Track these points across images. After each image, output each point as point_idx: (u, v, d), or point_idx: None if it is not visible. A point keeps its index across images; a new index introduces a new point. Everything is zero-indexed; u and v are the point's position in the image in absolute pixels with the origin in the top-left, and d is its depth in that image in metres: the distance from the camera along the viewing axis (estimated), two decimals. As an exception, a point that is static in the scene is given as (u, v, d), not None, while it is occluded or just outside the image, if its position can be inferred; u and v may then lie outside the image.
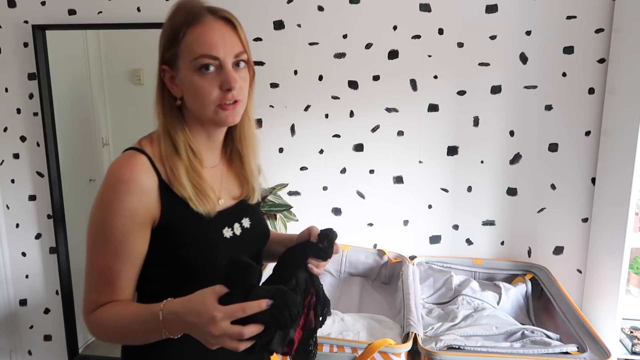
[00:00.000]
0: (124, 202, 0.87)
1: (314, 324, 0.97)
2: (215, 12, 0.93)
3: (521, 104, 1.89)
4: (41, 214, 2.22)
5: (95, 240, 0.89)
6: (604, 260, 1.80)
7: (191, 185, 0.93)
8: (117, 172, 0.88)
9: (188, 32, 0.90)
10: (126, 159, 0.90)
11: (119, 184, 0.87)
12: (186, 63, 0.90)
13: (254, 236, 1.05)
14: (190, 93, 0.92)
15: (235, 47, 0.92)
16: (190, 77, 0.90)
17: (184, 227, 0.93)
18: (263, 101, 2.01)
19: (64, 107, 2.16)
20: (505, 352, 1.38)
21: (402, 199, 2.02)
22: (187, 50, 0.90)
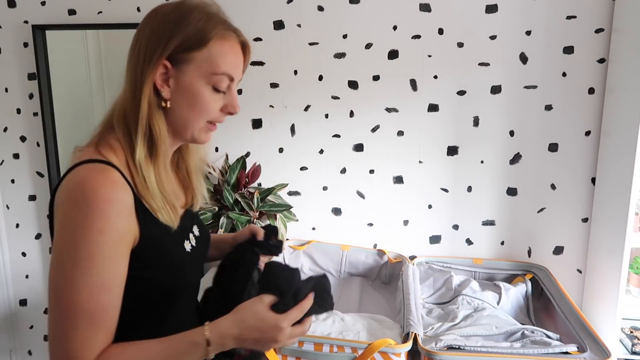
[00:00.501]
0: (115, 227, 0.75)
1: None
2: (238, 33, 0.90)
3: (521, 104, 1.89)
4: (41, 214, 2.22)
5: (76, 277, 0.73)
6: (604, 260, 1.80)
7: (160, 195, 0.83)
8: (101, 194, 0.74)
9: (216, 41, 0.84)
10: (102, 176, 0.76)
11: (106, 207, 0.74)
12: (202, 72, 0.84)
13: (204, 244, 1.00)
14: (189, 102, 0.84)
15: (241, 73, 0.91)
16: (201, 88, 0.84)
17: (159, 245, 0.83)
18: (263, 101, 2.01)
19: (64, 107, 2.16)
20: (505, 352, 1.38)
21: (402, 199, 2.02)
22: (208, 61, 0.83)
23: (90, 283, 0.74)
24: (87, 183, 0.75)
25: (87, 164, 0.78)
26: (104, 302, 0.75)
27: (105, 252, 0.74)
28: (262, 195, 1.92)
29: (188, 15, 0.84)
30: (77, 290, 0.74)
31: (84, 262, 0.73)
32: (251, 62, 1.98)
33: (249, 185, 1.97)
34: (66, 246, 0.74)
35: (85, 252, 0.73)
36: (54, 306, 0.76)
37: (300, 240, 2.04)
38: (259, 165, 2.01)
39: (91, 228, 0.73)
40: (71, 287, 0.74)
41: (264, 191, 1.93)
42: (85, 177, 0.76)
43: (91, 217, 0.73)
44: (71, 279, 0.74)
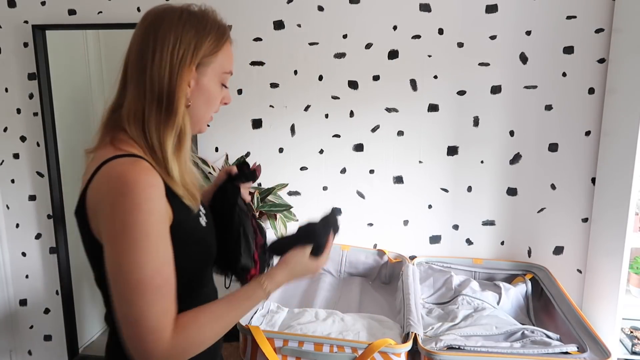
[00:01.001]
0: (158, 206, 0.82)
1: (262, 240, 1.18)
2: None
3: (521, 104, 1.89)
4: (41, 214, 2.22)
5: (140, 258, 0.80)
6: (604, 260, 1.80)
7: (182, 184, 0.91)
8: (142, 179, 0.81)
9: (225, 45, 0.95)
10: (136, 165, 0.83)
11: (149, 190, 0.81)
12: (215, 72, 0.94)
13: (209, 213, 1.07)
14: (205, 99, 0.94)
15: None
16: (215, 86, 0.95)
17: (186, 226, 0.91)
18: (263, 101, 2.01)
19: (64, 107, 2.16)
20: (505, 352, 1.38)
21: (402, 199, 2.02)
22: (220, 62, 0.94)
23: (152, 259, 0.80)
24: (127, 173, 0.81)
25: (117, 159, 0.84)
26: (167, 275, 0.83)
27: (157, 230, 0.81)
28: (262, 195, 1.92)
29: (205, 25, 0.92)
30: (142, 268, 0.80)
31: (142, 242, 0.79)
32: (251, 62, 1.98)
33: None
34: (122, 232, 0.80)
35: (141, 233, 0.79)
36: (124, 290, 0.80)
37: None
38: (259, 165, 2.01)
39: (141, 210, 0.79)
40: (137, 267, 0.79)
41: (264, 191, 1.93)
42: (123, 169, 0.82)
43: (139, 201, 0.80)
44: (135, 259, 0.79)
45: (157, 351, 0.80)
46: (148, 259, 0.80)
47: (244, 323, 1.48)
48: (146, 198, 0.80)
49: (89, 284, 2.39)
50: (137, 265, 0.79)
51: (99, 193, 0.84)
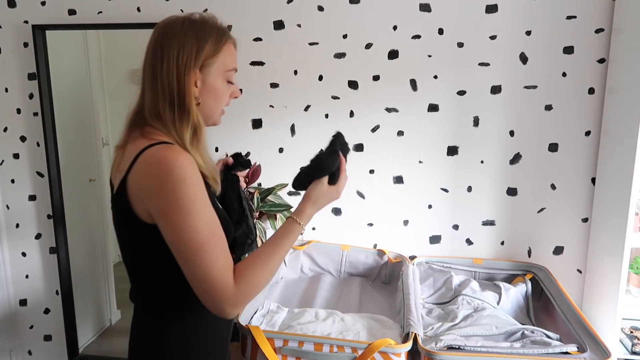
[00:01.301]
0: (199, 179, 0.95)
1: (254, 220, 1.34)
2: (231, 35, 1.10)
3: (521, 104, 1.89)
4: (41, 214, 2.22)
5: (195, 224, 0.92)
6: (604, 260, 1.80)
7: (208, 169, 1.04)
8: (181, 159, 0.93)
9: (225, 45, 1.05)
10: (171, 150, 0.95)
11: (190, 166, 0.94)
12: (219, 71, 1.04)
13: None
14: (212, 96, 1.05)
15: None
16: (221, 83, 1.05)
17: (214, 201, 1.04)
18: (263, 101, 2.01)
19: (64, 107, 2.16)
20: (505, 352, 1.38)
21: (402, 199, 2.02)
22: (222, 62, 1.04)
23: (205, 223, 0.94)
24: (167, 155, 0.94)
25: (153, 146, 0.96)
26: (219, 233, 0.96)
27: (202, 198, 0.94)
28: (262, 195, 1.92)
29: (204, 31, 1.03)
30: (199, 232, 0.92)
31: (193, 210, 0.92)
32: (251, 62, 1.98)
33: (249, 185, 1.97)
34: (176, 205, 0.92)
35: (191, 202, 0.92)
36: (188, 253, 0.93)
37: (301, 240, 2.04)
38: (259, 165, 2.01)
39: (187, 183, 0.92)
40: (194, 232, 0.92)
41: (264, 191, 1.93)
42: (162, 153, 0.94)
43: (183, 176, 0.92)
44: (191, 225, 0.92)
45: (225, 299, 0.93)
46: (201, 223, 0.93)
47: (244, 323, 1.48)
48: (189, 173, 0.93)
49: (89, 284, 2.39)
50: (194, 230, 0.92)
51: (143, 177, 0.95)
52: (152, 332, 1.06)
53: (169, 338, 1.05)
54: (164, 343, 1.05)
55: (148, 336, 1.06)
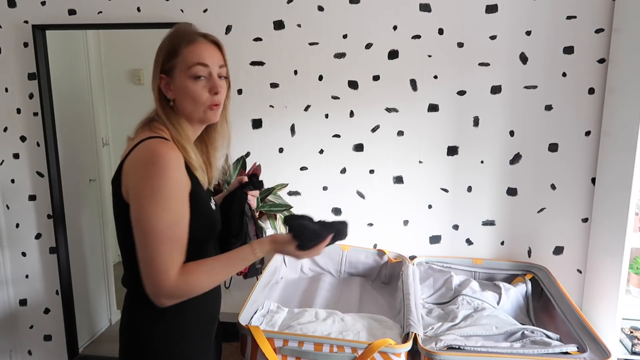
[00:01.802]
0: (178, 176, 1.05)
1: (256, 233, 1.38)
2: (206, 36, 1.17)
3: (521, 104, 1.89)
4: (41, 214, 2.22)
5: (158, 215, 1.02)
6: (604, 260, 1.80)
7: (199, 164, 1.14)
8: (167, 154, 1.04)
9: (186, 48, 1.13)
10: (162, 144, 1.06)
11: (172, 161, 1.04)
12: (182, 72, 1.12)
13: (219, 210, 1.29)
14: (184, 96, 1.13)
15: (219, 61, 1.17)
16: (185, 83, 1.12)
17: (200, 197, 1.13)
18: (263, 101, 2.01)
19: (64, 107, 2.16)
20: (505, 352, 1.38)
21: (402, 199, 2.02)
22: (183, 62, 1.12)
23: (167, 215, 1.02)
24: (157, 149, 1.04)
25: (151, 139, 1.07)
26: (179, 230, 1.05)
27: (175, 194, 1.04)
28: (262, 195, 1.92)
29: (167, 38, 1.16)
30: (159, 222, 1.02)
31: (162, 201, 1.02)
32: (251, 62, 1.98)
33: (249, 185, 1.97)
34: (148, 192, 1.02)
35: (162, 194, 1.02)
36: (143, 236, 1.02)
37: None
38: (259, 165, 2.01)
39: (165, 177, 1.02)
40: (155, 220, 1.02)
41: (264, 191, 1.93)
42: (155, 146, 1.05)
43: (164, 169, 1.03)
44: (155, 214, 1.02)
45: (162, 289, 1.03)
46: (164, 214, 1.01)
47: (244, 323, 1.48)
48: (169, 167, 1.03)
49: (89, 284, 2.39)
50: (155, 217, 1.01)
51: (134, 162, 1.05)
52: (138, 317, 1.14)
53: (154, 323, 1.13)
54: (148, 328, 1.13)
55: (134, 321, 1.14)
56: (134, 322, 1.15)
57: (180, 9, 1.96)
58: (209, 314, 1.25)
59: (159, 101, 1.16)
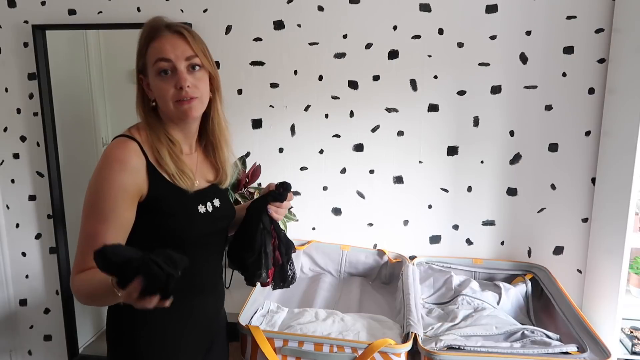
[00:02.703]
0: (116, 177, 1.04)
1: (280, 260, 1.29)
2: (171, 27, 1.13)
3: (521, 104, 1.89)
4: (41, 214, 2.22)
5: (88, 211, 1.04)
6: (604, 260, 1.80)
7: (174, 165, 1.12)
8: (113, 153, 1.06)
9: (150, 45, 1.11)
10: (120, 143, 1.08)
11: (113, 163, 1.05)
12: (151, 70, 1.11)
13: (222, 214, 1.25)
14: (156, 94, 1.13)
15: (186, 52, 1.11)
16: (154, 81, 1.11)
17: (168, 201, 1.11)
18: (263, 101, 2.01)
19: (64, 107, 2.15)
20: (505, 352, 1.38)
21: (402, 199, 2.02)
22: (149, 60, 1.12)
23: (94, 214, 1.04)
24: (109, 148, 1.07)
25: (118, 137, 1.11)
26: (100, 230, 1.03)
27: (107, 195, 1.03)
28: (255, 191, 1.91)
29: (139, 36, 1.14)
30: (87, 221, 1.05)
31: (93, 199, 1.04)
32: (251, 62, 1.98)
33: (249, 185, 1.97)
34: (88, 190, 1.06)
35: (93, 192, 1.04)
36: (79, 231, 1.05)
37: (300, 240, 2.04)
38: (259, 165, 2.01)
39: (100, 176, 1.05)
40: (84, 220, 1.05)
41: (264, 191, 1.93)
42: (110, 145, 1.08)
43: (101, 168, 1.05)
44: (85, 213, 1.05)
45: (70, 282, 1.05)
46: (92, 212, 1.04)
47: (244, 323, 1.48)
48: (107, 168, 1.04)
49: (89, 284, 2.39)
50: (85, 213, 1.05)
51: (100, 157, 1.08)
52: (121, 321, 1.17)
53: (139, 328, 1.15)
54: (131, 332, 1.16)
55: (118, 325, 1.18)
56: (118, 326, 1.17)
57: (180, 9, 1.96)
58: (197, 320, 1.22)
59: (139, 102, 1.16)
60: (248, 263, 1.25)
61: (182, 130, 1.19)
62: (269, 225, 1.25)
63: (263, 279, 1.27)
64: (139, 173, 1.08)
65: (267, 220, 1.25)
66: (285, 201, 1.26)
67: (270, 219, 1.26)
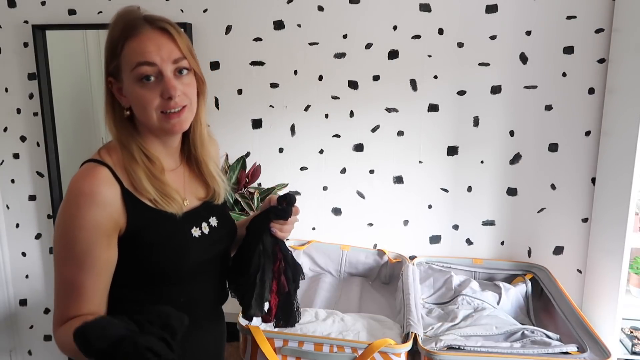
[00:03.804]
0: (86, 215, 0.88)
1: (287, 288, 1.05)
2: (153, 22, 0.94)
3: (521, 104, 1.89)
4: (41, 214, 2.22)
5: (61, 254, 0.90)
6: (604, 260, 1.80)
7: (154, 189, 0.95)
8: (79, 186, 0.90)
9: (126, 44, 0.92)
10: (86, 171, 0.92)
11: (80, 198, 0.88)
12: (127, 74, 0.92)
13: (221, 234, 1.08)
14: (134, 103, 0.94)
15: (173, 54, 0.93)
16: (133, 87, 0.92)
17: (152, 231, 0.95)
18: (263, 101, 2.01)
19: (64, 107, 2.15)
20: (505, 352, 1.38)
21: (402, 199, 2.02)
22: (126, 62, 0.92)
23: (66, 259, 0.90)
24: (75, 179, 0.91)
25: (86, 163, 0.95)
26: (82, 279, 0.89)
27: (79, 237, 0.88)
28: (262, 195, 1.92)
29: (109, 31, 0.95)
30: (61, 266, 0.90)
31: (64, 242, 0.89)
32: (251, 62, 1.98)
33: (249, 185, 1.97)
34: (55, 227, 0.91)
35: (63, 234, 0.89)
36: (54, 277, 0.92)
37: (300, 240, 2.04)
38: (259, 165, 2.01)
39: (68, 215, 0.89)
40: (57, 264, 0.91)
41: (264, 191, 1.93)
42: (76, 175, 0.92)
43: (68, 206, 0.89)
44: (56, 254, 0.91)
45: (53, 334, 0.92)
46: (67, 260, 0.89)
47: (244, 323, 1.48)
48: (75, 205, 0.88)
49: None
50: (58, 262, 0.91)
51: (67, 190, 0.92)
52: None
53: None
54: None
55: None
56: None
57: (180, 9, 1.96)
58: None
59: (108, 112, 0.97)
60: (242, 291, 1.05)
61: (164, 144, 1.01)
62: (271, 247, 1.05)
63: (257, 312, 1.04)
64: (113, 204, 0.90)
65: (269, 241, 1.04)
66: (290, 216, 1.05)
67: (274, 237, 1.05)
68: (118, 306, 0.95)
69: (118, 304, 0.96)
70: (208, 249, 1.03)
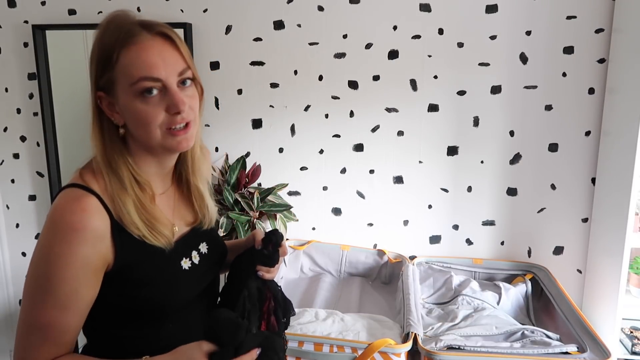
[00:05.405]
0: (76, 253, 0.78)
1: (277, 328, 0.98)
2: (151, 27, 0.85)
3: (521, 104, 1.89)
4: (41, 214, 2.22)
5: (38, 293, 0.79)
6: (604, 260, 1.80)
7: (142, 222, 0.85)
8: (66, 220, 0.78)
9: (122, 53, 0.81)
10: (73, 201, 0.80)
11: (70, 233, 0.77)
12: (125, 88, 0.81)
13: (212, 261, 1.00)
14: (133, 120, 0.83)
15: (178, 65, 0.83)
16: (132, 103, 0.81)
17: (141, 266, 0.86)
18: (263, 101, 2.01)
19: (64, 107, 2.15)
20: (505, 352, 1.38)
21: (402, 199, 2.02)
22: (123, 75, 0.81)
23: (46, 300, 0.79)
24: (59, 209, 0.80)
25: (69, 188, 0.83)
26: (64, 321, 0.81)
27: (65, 276, 0.78)
28: (262, 195, 1.92)
29: (98, 38, 0.84)
30: (34, 304, 0.80)
31: (44, 280, 0.79)
32: (251, 62, 1.98)
33: (249, 185, 1.97)
34: (33, 264, 0.80)
35: (44, 273, 0.78)
36: (20, 314, 0.81)
37: (300, 240, 2.05)
38: (259, 165, 2.01)
39: (52, 252, 0.78)
40: (30, 301, 0.80)
41: (264, 191, 1.93)
42: (60, 203, 0.81)
43: (53, 241, 0.78)
44: (31, 294, 0.80)
45: None
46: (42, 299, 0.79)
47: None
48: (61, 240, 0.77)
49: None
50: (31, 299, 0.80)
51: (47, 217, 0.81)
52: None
53: None
54: None
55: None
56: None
57: (180, 9, 1.96)
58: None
59: (96, 132, 0.84)
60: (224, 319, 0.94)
61: (161, 164, 0.91)
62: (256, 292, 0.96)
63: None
64: (103, 239, 0.81)
65: (254, 286, 0.95)
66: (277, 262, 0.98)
67: (262, 279, 0.97)
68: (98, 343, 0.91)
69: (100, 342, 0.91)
70: (198, 281, 0.95)
